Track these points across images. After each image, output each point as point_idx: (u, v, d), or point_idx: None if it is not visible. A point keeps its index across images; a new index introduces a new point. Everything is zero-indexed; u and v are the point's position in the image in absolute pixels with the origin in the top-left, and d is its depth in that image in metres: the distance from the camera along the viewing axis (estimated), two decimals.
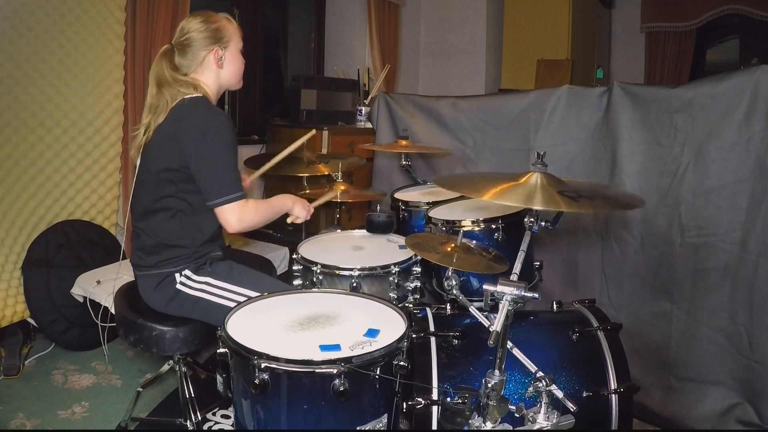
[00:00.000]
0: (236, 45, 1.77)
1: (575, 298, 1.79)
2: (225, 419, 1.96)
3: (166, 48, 1.72)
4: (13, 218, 2.40)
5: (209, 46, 1.71)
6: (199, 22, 1.70)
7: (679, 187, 2.15)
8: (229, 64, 1.76)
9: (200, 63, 1.72)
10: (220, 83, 1.78)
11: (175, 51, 1.71)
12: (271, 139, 3.59)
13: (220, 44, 1.72)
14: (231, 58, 1.76)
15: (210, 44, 1.71)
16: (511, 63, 4.67)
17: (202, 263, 1.71)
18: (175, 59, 1.71)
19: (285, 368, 1.16)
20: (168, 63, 1.69)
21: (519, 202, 1.24)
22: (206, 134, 1.58)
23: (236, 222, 1.63)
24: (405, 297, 1.90)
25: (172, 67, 1.69)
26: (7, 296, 2.39)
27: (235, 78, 1.81)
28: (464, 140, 2.92)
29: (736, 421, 2.01)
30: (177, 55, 1.71)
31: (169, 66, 1.69)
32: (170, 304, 1.70)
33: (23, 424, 1.99)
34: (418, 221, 2.38)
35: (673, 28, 5.23)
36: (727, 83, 2.02)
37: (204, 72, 1.73)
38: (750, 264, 1.97)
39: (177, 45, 1.71)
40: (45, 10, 2.35)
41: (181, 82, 1.67)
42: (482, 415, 1.24)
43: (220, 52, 1.72)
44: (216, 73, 1.74)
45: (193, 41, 1.69)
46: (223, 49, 1.73)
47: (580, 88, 2.53)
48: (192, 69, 1.72)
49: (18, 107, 2.33)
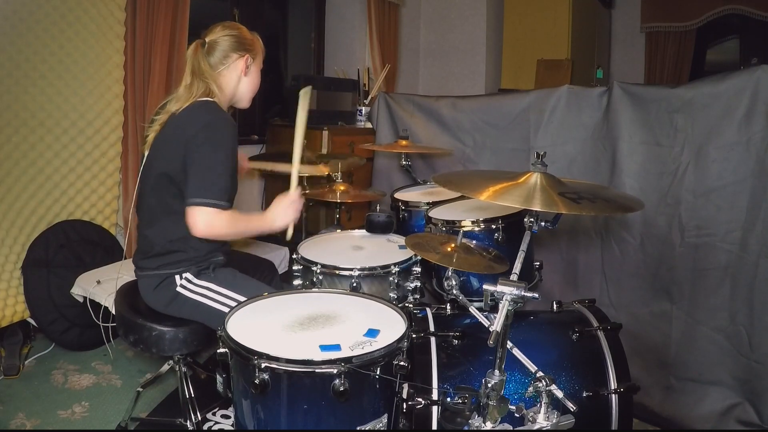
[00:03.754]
0: (260, 63, 1.82)
1: (575, 298, 1.79)
2: (225, 419, 1.96)
3: (197, 43, 1.71)
4: (13, 218, 2.40)
5: (241, 51, 1.73)
6: (235, 29, 1.74)
7: (679, 187, 2.15)
8: (252, 76, 1.80)
9: (228, 65, 1.73)
10: (237, 92, 1.79)
11: (205, 48, 1.71)
12: (271, 139, 3.59)
13: (251, 54, 1.76)
14: (255, 71, 1.80)
15: (242, 50, 1.74)
16: (511, 63, 4.67)
17: (204, 267, 1.71)
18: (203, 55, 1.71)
19: (285, 368, 1.16)
20: (202, 57, 1.69)
21: (518, 202, 1.23)
22: (207, 135, 1.58)
23: (204, 226, 1.55)
24: (405, 297, 1.90)
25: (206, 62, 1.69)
26: (7, 296, 2.39)
27: (251, 92, 1.83)
28: (464, 140, 2.92)
29: (736, 421, 2.01)
30: (205, 53, 1.70)
31: (204, 59, 1.69)
32: (170, 306, 1.70)
33: (23, 424, 2.00)
34: (418, 221, 2.38)
35: (673, 28, 5.23)
36: (727, 83, 2.02)
37: (229, 75, 1.74)
38: (750, 264, 1.97)
39: (209, 42, 1.71)
40: (45, 10, 2.35)
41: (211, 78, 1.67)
42: (482, 415, 1.24)
43: (249, 60, 1.76)
44: (239, 80, 1.76)
45: (226, 43, 1.71)
46: (252, 59, 1.77)
47: (580, 88, 2.53)
48: (217, 70, 1.72)
49: (18, 107, 2.33)
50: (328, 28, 4.35)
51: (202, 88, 1.66)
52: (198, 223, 1.55)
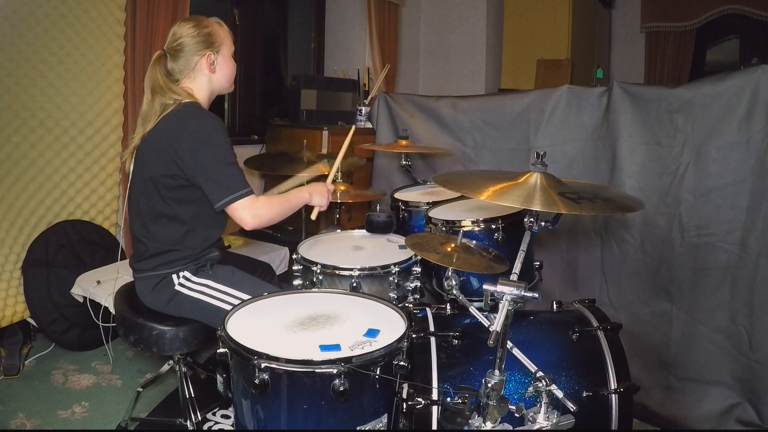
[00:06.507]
0: (228, 49, 1.78)
1: (575, 298, 1.79)
2: (225, 419, 1.96)
3: (159, 54, 1.71)
4: (13, 218, 2.40)
5: (202, 50, 1.71)
6: (191, 27, 1.70)
7: (679, 187, 2.15)
8: (222, 68, 1.76)
9: (193, 68, 1.71)
10: (213, 88, 1.77)
11: (168, 56, 1.71)
12: (270, 139, 3.58)
13: (212, 49, 1.72)
14: (223, 62, 1.76)
15: (202, 49, 1.71)
16: (511, 63, 4.67)
17: (202, 265, 1.71)
18: (167, 65, 1.71)
19: (285, 368, 1.16)
20: (162, 69, 1.69)
21: (518, 202, 1.23)
22: (202, 139, 1.58)
23: (251, 218, 1.60)
24: (405, 297, 1.90)
25: (165, 74, 1.69)
26: (7, 296, 2.39)
27: (228, 82, 1.81)
28: (464, 140, 2.92)
29: (736, 421, 2.01)
30: (170, 61, 1.71)
31: (163, 72, 1.69)
32: (169, 305, 1.70)
33: (23, 424, 2.00)
34: (418, 221, 2.38)
35: (673, 28, 5.23)
36: (727, 83, 2.02)
37: (196, 77, 1.73)
38: (750, 264, 1.97)
39: (169, 50, 1.71)
40: (45, 10, 2.35)
41: (173, 91, 1.66)
42: (482, 415, 1.24)
43: (212, 57, 1.72)
44: (208, 77, 1.74)
45: (185, 46, 1.69)
46: (216, 53, 1.73)
47: (580, 88, 2.53)
48: (185, 74, 1.72)
49: (18, 107, 2.33)
50: (328, 28, 4.35)
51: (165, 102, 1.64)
52: (244, 218, 1.59)
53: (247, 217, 1.60)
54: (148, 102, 1.67)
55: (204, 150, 1.57)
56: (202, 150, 1.57)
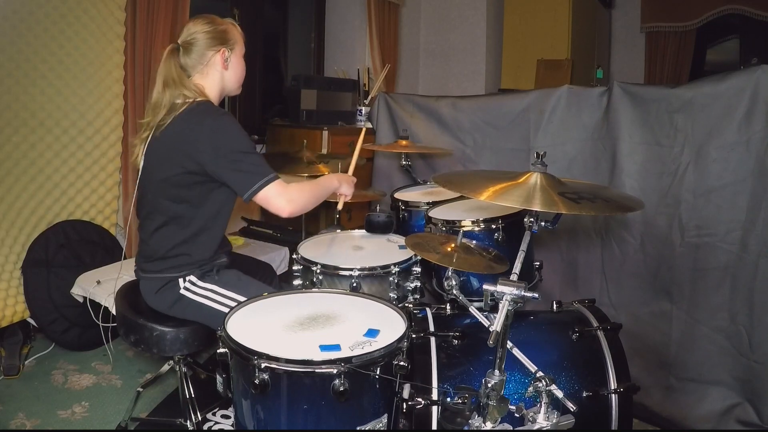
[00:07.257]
0: (241, 50, 1.78)
1: (575, 298, 1.79)
2: (225, 419, 1.96)
3: (172, 47, 1.70)
4: (13, 218, 2.40)
5: (217, 46, 1.70)
6: (206, 23, 1.70)
7: (679, 187, 2.15)
8: (234, 67, 1.76)
9: (206, 63, 1.70)
10: (224, 85, 1.76)
11: (181, 50, 1.69)
12: (270, 140, 3.59)
13: (227, 45, 1.72)
14: (236, 61, 1.76)
15: (217, 44, 1.70)
16: (511, 63, 4.67)
17: (208, 270, 1.70)
18: (180, 59, 1.70)
19: (285, 368, 1.16)
20: (176, 62, 1.68)
21: (518, 202, 1.23)
22: (220, 132, 1.56)
23: (287, 203, 1.56)
24: (405, 297, 1.90)
25: (179, 67, 1.68)
26: (7, 296, 2.39)
27: (238, 83, 1.80)
28: (464, 140, 2.92)
29: (736, 421, 2.01)
30: (182, 55, 1.69)
31: (177, 65, 1.67)
32: (173, 308, 1.69)
33: (23, 424, 2.00)
34: (418, 221, 2.38)
35: (673, 28, 5.23)
36: (727, 83, 2.02)
37: (209, 73, 1.72)
38: (750, 264, 1.97)
39: (183, 44, 1.69)
40: (45, 10, 2.35)
41: (185, 86, 1.65)
42: (482, 415, 1.24)
43: (227, 53, 1.72)
44: (221, 74, 1.73)
45: (200, 41, 1.68)
46: (230, 50, 1.73)
47: (580, 88, 2.53)
48: (197, 69, 1.70)
49: (18, 107, 2.33)
50: (328, 28, 4.35)
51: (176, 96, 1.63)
52: (279, 204, 1.56)
53: (282, 203, 1.56)
54: (159, 92, 1.66)
55: (224, 142, 1.55)
56: (223, 142, 1.55)
